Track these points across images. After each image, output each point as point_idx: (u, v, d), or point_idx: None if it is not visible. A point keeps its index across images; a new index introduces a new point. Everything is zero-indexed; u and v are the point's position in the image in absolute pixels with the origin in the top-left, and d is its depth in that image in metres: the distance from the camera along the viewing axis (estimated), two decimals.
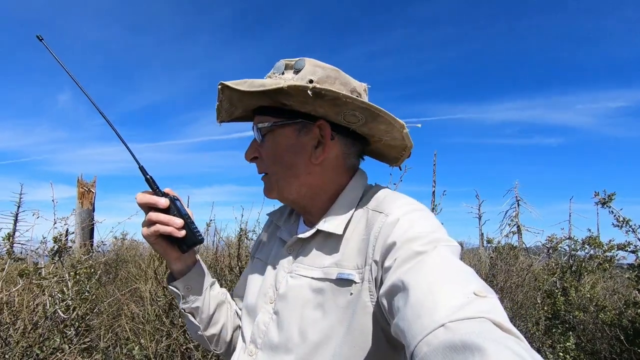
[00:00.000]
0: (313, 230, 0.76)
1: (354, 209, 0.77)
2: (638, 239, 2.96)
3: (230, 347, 0.92)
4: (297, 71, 0.74)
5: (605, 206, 3.02)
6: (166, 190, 0.81)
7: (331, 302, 0.68)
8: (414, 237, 0.62)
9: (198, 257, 0.88)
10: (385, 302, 0.59)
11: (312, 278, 0.72)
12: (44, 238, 3.10)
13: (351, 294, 0.67)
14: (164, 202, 0.77)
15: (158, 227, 0.75)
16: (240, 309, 0.93)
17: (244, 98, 0.77)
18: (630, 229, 2.96)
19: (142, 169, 0.79)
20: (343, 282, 0.69)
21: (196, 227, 0.80)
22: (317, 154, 0.76)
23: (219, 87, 0.75)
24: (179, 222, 0.76)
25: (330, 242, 0.75)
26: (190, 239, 0.78)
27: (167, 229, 0.75)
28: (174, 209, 0.77)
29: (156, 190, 0.79)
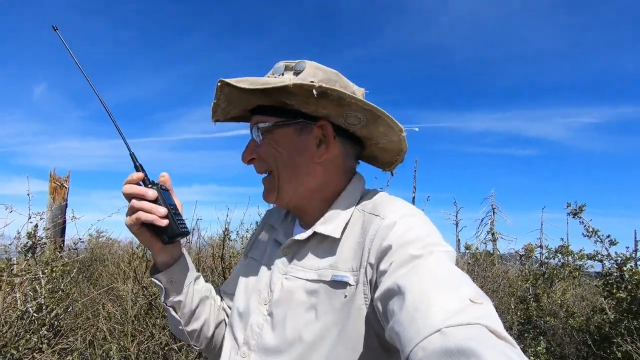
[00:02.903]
0: (309, 232, 0.76)
1: (351, 212, 0.76)
2: (605, 248, 3.11)
3: (212, 344, 0.90)
4: (297, 73, 0.74)
5: (576, 217, 3.17)
6: (162, 175, 0.79)
7: (325, 304, 0.68)
8: (410, 241, 0.62)
9: (184, 250, 0.86)
10: (380, 305, 0.58)
11: (307, 280, 0.72)
12: (18, 233, 2.97)
13: (345, 296, 0.67)
14: (151, 194, 0.74)
15: (140, 215, 0.73)
16: (229, 307, 0.91)
17: (244, 96, 0.77)
18: (598, 239, 3.11)
19: (132, 155, 0.78)
20: (337, 284, 0.69)
21: (181, 219, 0.78)
22: (320, 152, 0.76)
23: (218, 84, 0.73)
24: (163, 210, 0.74)
25: (326, 244, 0.75)
26: (173, 230, 0.75)
27: (149, 217, 0.73)
28: (161, 198, 0.75)
29: (145, 180, 0.76)
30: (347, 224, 0.75)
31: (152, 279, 0.83)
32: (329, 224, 0.75)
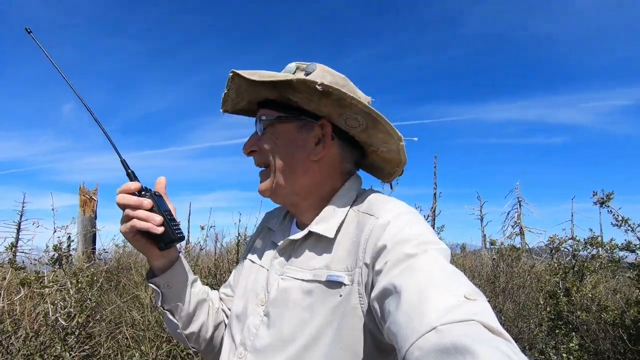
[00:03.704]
0: (305, 232, 0.77)
1: (346, 212, 0.77)
2: (637, 237, 2.95)
3: (210, 345, 0.91)
4: (307, 74, 0.76)
5: (603, 206, 3.02)
6: (159, 181, 0.81)
7: (320, 304, 0.69)
8: (404, 240, 0.63)
9: (181, 254, 0.87)
10: (376, 305, 0.59)
11: (303, 280, 0.73)
12: (47, 247, 3.13)
13: (340, 295, 0.68)
14: (147, 203, 0.75)
15: (135, 223, 0.74)
16: (229, 309, 0.92)
17: (252, 88, 0.79)
18: (629, 227, 2.95)
19: (124, 162, 0.79)
20: (332, 284, 0.69)
21: (176, 224, 0.79)
22: (316, 151, 0.78)
23: (230, 74, 0.76)
24: (158, 219, 0.75)
25: (322, 244, 0.75)
26: (168, 236, 0.76)
27: (144, 225, 0.74)
28: (156, 206, 0.76)
29: (140, 190, 0.77)
30: (341, 223, 0.76)
31: (149, 283, 0.85)
32: (323, 223, 0.76)
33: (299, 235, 0.78)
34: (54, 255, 2.66)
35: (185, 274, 0.85)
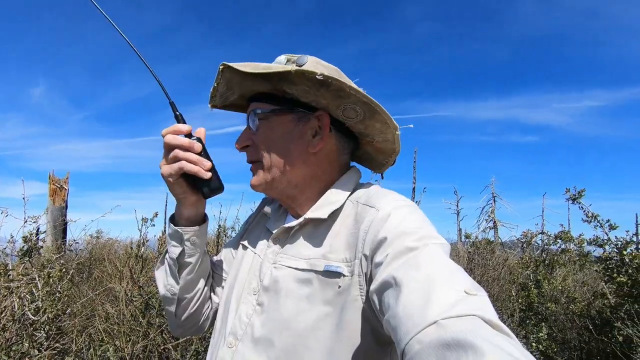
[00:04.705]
0: (300, 220, 0.75)
1: (343, 201, 0.76)
2: (605, 233, 3.09)
3: (191, 318, 0.87)
4: (299, 66, 0.74)
5: (575, 202, 3.14)
6: (199, 131, 0.77)
7: (318, 295, 0.68)
8: (405, 233, 0.62)
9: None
10: (375, 298, 0.58)
11: (296, 269, 0.72)
12: (12, 237, 2.97)
13: (339, 287, 0.67)
14: (198, 146, 0.72)
15: (184, 165, 0.71)
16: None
17: (244, 82, 0.76)
18: (598, 223, 3.08)
19: (172, 104, 0.76)
20: (330, 274, 0.68)
21: (219, 176, 0.77)
22: (314, 143, 0.76)
23: (221, 67, 0.73)
24: (208, 163, 0.73)
25: (318, 233, 0.75)
26: (215, 183, 0.74)
27: (193, 168, 0.71)
28: (204, 150, 0.74)
29: (189, 134, 0.74)
30: (338, 210, 0.75)
31: (177, 228, 0.79)
32: (319, 210, 0.75)
33: (294, 222, 0.76)
34: (23, 247, 2.53)
35: (206, 238, 0.83)
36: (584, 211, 3.12)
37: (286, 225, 0.77)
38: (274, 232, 0.80)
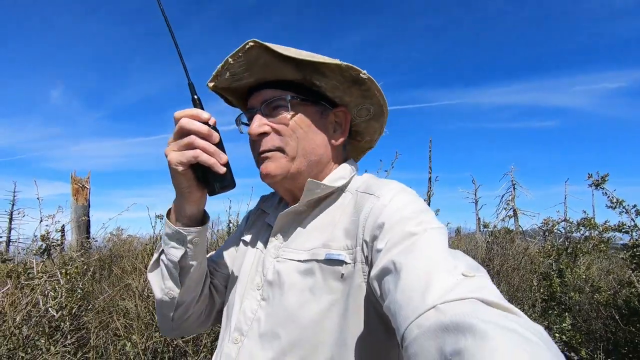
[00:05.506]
0: (303, 202, 0.75)
1: (350, 177, 0.78)
2: (631, 219, 2.94)
3: (189, 322, 0.82)
4: None
5: (598, 188, 3.00)
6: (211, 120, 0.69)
7: (321, 284, 0.67)
8: (404, 219, 0.62)
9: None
10: (376, 284, 0.58)
11: (299, 261, 0.71)
12: (35, 236, 3.07)
13: (342, 274, 0.66)
14: (216, 136, 0.66)
15: (199, 154, 0.63)
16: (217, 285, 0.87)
17: (272, 65, 0.71)
18: (623, 209, 2.94)
19: (191, 85, 0.69)
20: (332, 262, 0.67)
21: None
22: (337, 136, 0.79)
23: (250, 44, 0.68)
24: (225, 157, 0.66)
25: (318, 224, 0.74)
26: (228, 180, 0.67)
27: (209, 160, 0.64)
28: (221, 142, 0.67)
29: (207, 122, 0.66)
30: (338, 197, 0.76)
31: (178, 229, 0.71)
32: (333, 183, 0.76)
33: (291, 208, 0.76)
34: (41, 245, 2.60)
35: (207, 237, 0.80)
36: (608, 197, 2.98)
37: (288, 209, 0.76)
38: (273, 224, 0.79)
